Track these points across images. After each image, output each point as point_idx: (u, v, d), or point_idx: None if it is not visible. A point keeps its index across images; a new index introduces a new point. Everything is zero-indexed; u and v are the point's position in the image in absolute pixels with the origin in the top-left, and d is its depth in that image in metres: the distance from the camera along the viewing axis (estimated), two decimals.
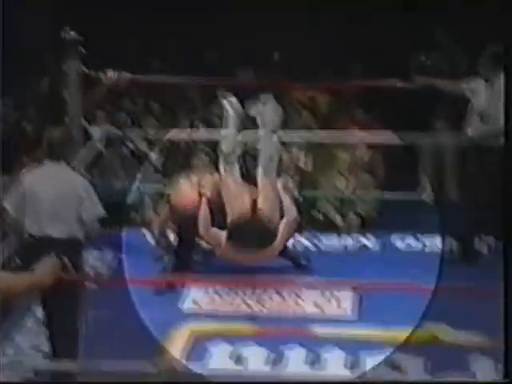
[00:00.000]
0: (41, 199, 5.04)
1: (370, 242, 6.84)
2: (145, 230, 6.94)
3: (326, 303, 5.81)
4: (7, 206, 5.13)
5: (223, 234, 5.18)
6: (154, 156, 8.27)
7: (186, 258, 6.05)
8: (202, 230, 5.30)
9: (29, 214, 5.06)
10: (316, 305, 5.79)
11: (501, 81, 6.02)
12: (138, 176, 8.01)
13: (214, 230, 5.27)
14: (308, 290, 5.85)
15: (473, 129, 6.27)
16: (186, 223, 5.81)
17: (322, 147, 8.63)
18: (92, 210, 5.09)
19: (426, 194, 8.60)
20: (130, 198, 7.92)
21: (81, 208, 5.05)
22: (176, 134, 8.26)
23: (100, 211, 5.12)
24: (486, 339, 5.24)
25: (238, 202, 5.30)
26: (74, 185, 5.11)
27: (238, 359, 5.22)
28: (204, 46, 9.77)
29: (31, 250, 4.92)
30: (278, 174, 8.09)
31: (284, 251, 5.89)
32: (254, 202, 5.26)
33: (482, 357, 5.13)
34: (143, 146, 8.12)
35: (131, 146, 8.09)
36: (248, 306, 5.79)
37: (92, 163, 7.56)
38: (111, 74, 6.54)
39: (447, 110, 7.92)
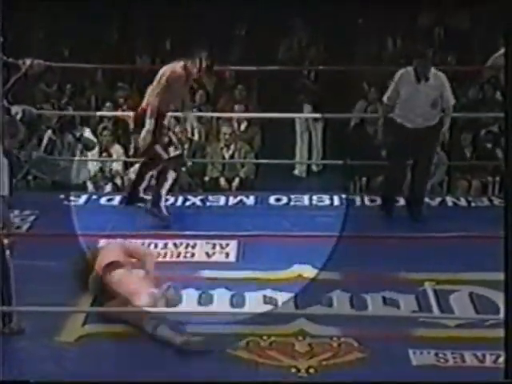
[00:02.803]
0: None
1: (247, 198, 6.78)
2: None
3: (213, 251, 5.78)
4: None
5: None
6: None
7: None
8: None
9: None
10: (206, 253, 5.74)
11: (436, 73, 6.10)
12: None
13: None
14: (198, 241, 5.79)
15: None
16: None
17: (208, 121, 8.71)
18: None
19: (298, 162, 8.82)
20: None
21: None
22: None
23: (4, 191, 4.89)
24: (342, 276, 5.38)
25: None
26: None
27: None
28: (106, 36, 9.71)
29: None
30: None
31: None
32: None
33: (340, 292, 5.22)
34: (89, 134, 8.02)
35: (77, 134, 7.96)
36: None
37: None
38: (28, 61, 6.43)
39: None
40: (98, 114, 8.41)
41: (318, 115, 8.31)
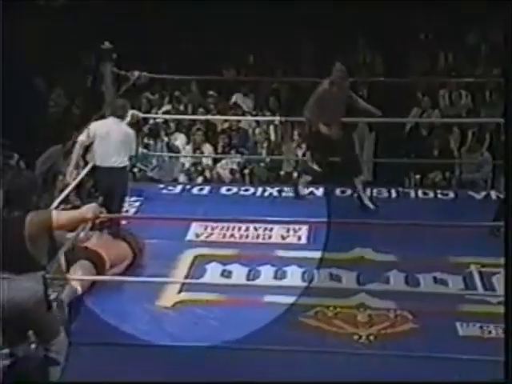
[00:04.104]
0: (105, 139, 5.51)
1: (317, 190, 6.76)
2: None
3: (287, 234, 5.79)
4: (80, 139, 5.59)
5: None
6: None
7: None
8: None
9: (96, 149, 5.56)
10: (281, 236, 5.75)
11: None
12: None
13: None
14: (275, 225, 5.84)
15: None
16: None
17: (283, 124, 8.70)
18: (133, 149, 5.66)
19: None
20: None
21: (131, 147, 5.60)
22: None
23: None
24: (398, 258, 5.35)
25: None
26: (128, 131, 5.65)
27: (227, 275, 5.24)
28: (199, 53, 9.82)
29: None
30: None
31: None
32: None
33: (396, 271, 5.19)
34: (180, 141, 8.12)
35: (166, 138, 8.06)
36: (234, 237, 5.79)
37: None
38: (136, 73, 6.61)
39: None
40: (191, 117, 8.53)
41: (380, 119, 8.14)
